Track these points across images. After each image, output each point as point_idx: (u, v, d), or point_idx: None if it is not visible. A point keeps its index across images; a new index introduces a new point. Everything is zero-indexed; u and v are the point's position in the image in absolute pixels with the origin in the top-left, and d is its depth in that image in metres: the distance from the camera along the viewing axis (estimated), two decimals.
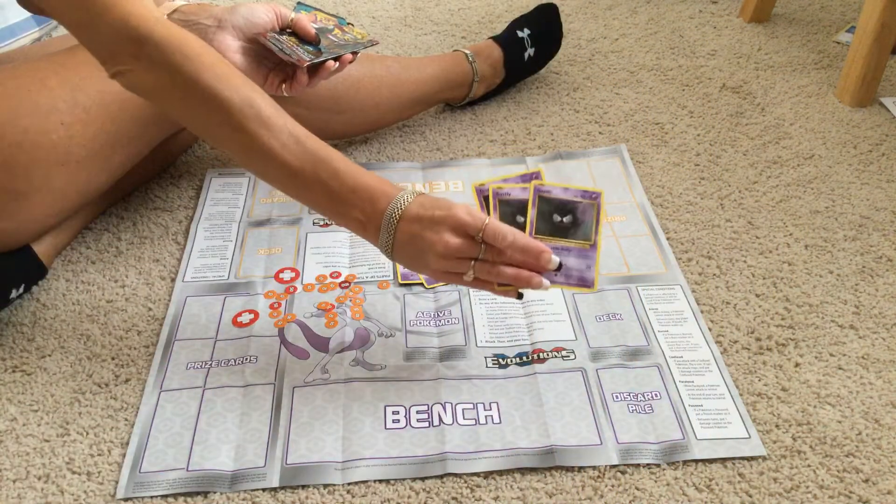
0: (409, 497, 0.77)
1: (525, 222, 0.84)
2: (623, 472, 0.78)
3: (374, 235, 0.80)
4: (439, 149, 1.26)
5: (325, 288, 1.00)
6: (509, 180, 0.89)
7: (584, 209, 0.85)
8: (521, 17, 1.38)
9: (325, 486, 0.78)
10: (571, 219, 0.85)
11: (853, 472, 0.78)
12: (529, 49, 1.34)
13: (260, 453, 0.80)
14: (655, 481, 0.78)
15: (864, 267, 1.02)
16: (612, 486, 0.77)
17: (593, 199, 0.85)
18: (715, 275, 1.01)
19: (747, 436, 0.81)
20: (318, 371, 0.89)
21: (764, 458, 0.79)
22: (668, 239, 1.07)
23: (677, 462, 0.79)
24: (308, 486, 0.77)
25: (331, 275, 1.01)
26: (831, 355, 0.90)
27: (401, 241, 0.78)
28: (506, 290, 0.81)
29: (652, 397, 0.85)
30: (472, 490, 0.77)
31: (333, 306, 0.97)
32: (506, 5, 1.70)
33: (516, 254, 0.78)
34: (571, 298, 0.97)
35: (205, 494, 0.77)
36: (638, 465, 0.79)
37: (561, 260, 0.80)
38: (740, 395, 0.86)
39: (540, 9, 1.39)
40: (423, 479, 0.78)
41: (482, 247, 0.78)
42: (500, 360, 0.90)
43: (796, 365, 0.89)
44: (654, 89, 1.40)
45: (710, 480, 0.78)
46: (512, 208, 0.85)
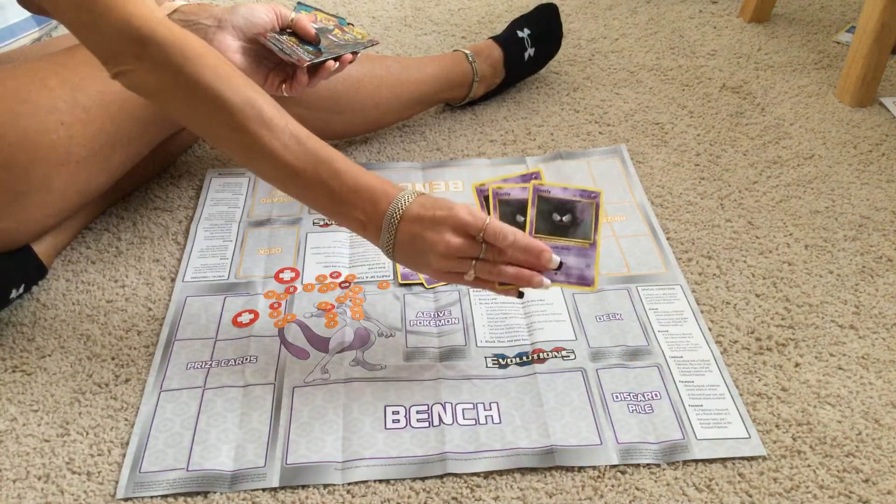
0: (409, 497, 0.77)
1: (525, 222, 0.84)
2: (623, 472, 0.78)
3: (375, 235, 0.80)
4: (439, 149, 1.26)
5: (325, 288, 1.00)
6: (509, 180, 0.89)
7: (583, 208, 0.85)
8: (521, 17, 1.38)
9: (325, 486, 0.78)
10: (571, 218, 0.85)
11: (853, 472, 0.78)
12: (529, 49, 1.34)
13: (260, 453, 0.80)
14: (655, 481, 0.78)
15: (864, 267, 1.02)
16: (612, 486, 0.77)
17: (592, 198, 0.85)
18: (715, 275, 1.01)
19: (747, 436, 0.81)
20: (318, 371, 0.89)
21: (764, 458, 0.79)
22: (668, 239, 1.07)
23: (677, 462, 0.79)
24: (308, 486, 0.77)
25: (331, 275, 1.01)
26: (831, 355, 0.90)
27: (402, 241, 0.78)
28: (506, 290, 0.81)
29: (652, 397, 0.85)
30: (472, 490, 0.77)
31: (333, 306, 0.97)
32: (506, 5, 1.70)
33: (517, 253, 0.78)
34: (571, 298, 0.97)
35: (205, 494, 0.77)
36: (638, 465, 0.79)
37: (561, 259, 0.81)
38: (740, 395, 0.86)
39: (540, 9, 1.39)
40: (423, 479, 0.78)
41: (483, 246, 0.78)
42: (500, 360, 0.90)
43: (796, 365, 0.89)
44: (654, 89, 1.40)
45: (710, 480, 0.78)
46: (512, 208, 0.85)
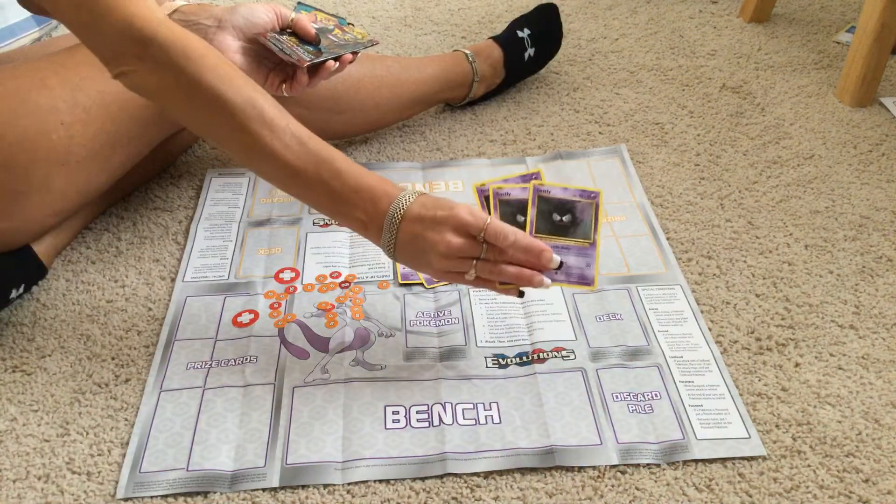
0: (409, 497, 0.77)
1: (525, 222, 0.85)
2: (623, 472, 0.78)
3: (376, 235, 0.80)
4: (439, 149, 1.26)
5: (325, 288, 1.00)
6: (509, 180, 0.89)
7: (582, 208, 0.85)
8: (521, 17, 1.38)
9: (325, 486, 0.78)
10: (571, 218, 0.85)
11: (853, 472, 0.78)
12: (529, 49, 1.34)
13: (260, 453, 0.80)
14: (655, 481, 0.78)
15: (864, 267, 1.02)
16: (612, 486, 0.77)
17: (592, 198, 0.85)
18: (715, 275, 1.01)
19: (747, 436, 0.81)
20: (318, 371, 0.88)
21: (764, 458, 0.79)
22: (668, 239, 1.07)
23: (677, 462, 0.79)
24: (308, 486, 0.77)
25: (331, 275, 1.01)
26: (831, 355, 0.90)
27: (403, 240, 0.79)
28: (507, 289, 0.81)
29: (652, 397, 0.85)
30: (472, 490, 0.77)
31: (333, 306, 0.97)
32: (506, 5, 1.70)
33: (518, 253, 0.79)
34: (571, 298, 0.97)
35: (205, 494, 0.77)
36: (638, 465, 0.79)
37: (561, 259, 0.81)
38: (740, 395, 0.86)
39: (540, 9, 1.39)
40: (423, 479, 0.78)
41: (484, 246, 0.78)
42: (500, 360, 0.90)
43: (796, 365, 0.89)
44: (654, 89, 1.40)
45: (710, 480, 0.78)
46: (512, 208, 0.86)
